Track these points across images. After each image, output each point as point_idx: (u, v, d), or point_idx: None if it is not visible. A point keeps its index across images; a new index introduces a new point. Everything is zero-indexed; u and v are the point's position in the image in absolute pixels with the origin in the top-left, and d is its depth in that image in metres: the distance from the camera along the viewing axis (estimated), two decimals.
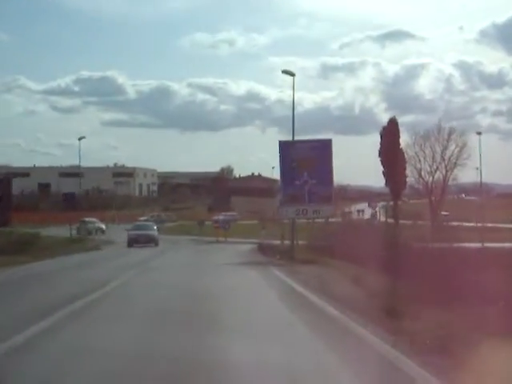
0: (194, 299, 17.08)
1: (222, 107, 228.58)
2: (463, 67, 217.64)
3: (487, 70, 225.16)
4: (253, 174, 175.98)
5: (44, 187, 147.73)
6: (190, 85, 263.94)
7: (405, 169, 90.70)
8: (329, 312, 14.22)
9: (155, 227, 60.36)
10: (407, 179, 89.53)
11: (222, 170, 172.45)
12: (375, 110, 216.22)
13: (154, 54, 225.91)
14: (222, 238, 64.00)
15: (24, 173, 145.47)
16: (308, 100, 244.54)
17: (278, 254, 36.67)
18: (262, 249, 43.87)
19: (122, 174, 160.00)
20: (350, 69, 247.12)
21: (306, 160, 36.00)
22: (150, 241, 54.60)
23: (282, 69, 41.32)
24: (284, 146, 36.66)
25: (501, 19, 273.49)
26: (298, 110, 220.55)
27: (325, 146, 36.71)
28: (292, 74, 39.51)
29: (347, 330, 11.87)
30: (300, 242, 40.16)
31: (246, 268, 29.25)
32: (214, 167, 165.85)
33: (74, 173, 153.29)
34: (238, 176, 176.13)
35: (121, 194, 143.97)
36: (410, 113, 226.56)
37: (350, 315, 13.23)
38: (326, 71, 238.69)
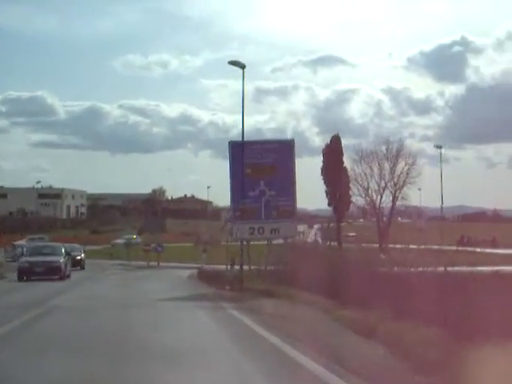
0: None
1: (155, 129, 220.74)
2: (392, 93, 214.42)
3: (415, 95, 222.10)
4: (185, 195, 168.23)
5: None
6: (121, 106, 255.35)
7: (349, 188, 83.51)
8: None
9: (63, 250, 39.45)
10: (353, 199, 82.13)
11: (154, 191, 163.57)
12: (307, 134, 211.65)
13: (85, 75, 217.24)
14: (153, 263, 55.19)
15: None
16: (240, 123, 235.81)
17: (226, 283, 28.42)
18: (205, 276, 35.47)
19: (49, 195, 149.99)
20: (283, 93, 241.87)
21: (262, 165, 28.06)
22: (53, 272, 35.97)
23: (229, 61, 32.61)
24: (235, 148, 28.53)
25: (428, 47, 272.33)
26: (233, 133, 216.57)
27: (286, 149, 28.81)
28: (242, 66, 31.14)
29: None
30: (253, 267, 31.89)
31: (192, 306, 21.03)
32: (146, 189, 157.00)
33: None
34: (170, 198, 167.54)
35: (46, 216, 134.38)
36: (342, 137, 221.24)
37: None
38: (259, 95, 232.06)
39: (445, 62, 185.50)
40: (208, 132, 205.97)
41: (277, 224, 27.89)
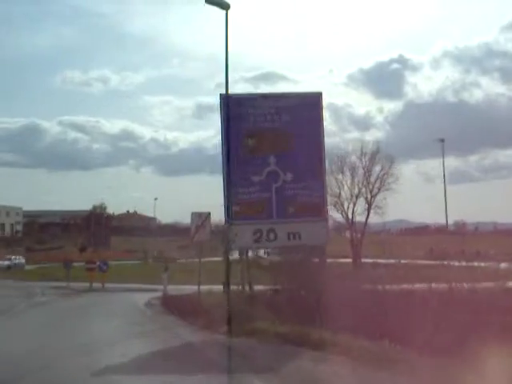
0: None
1: (95, 146, 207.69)
2: (333, 109, 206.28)
3: (356, 112, 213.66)
4: (128, 211, 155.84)
5: None
6: (60, 123, 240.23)
7: None
8: None
9: None
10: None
11: (95, 207, 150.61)
12: None
13: (22, 91, 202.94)
14: (97, 284, 43.49)
15: None
16: (183, 140, 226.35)
17: (215, 318, 17.66)
18: (173, 304, 24.42)
19: None
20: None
21: (272, 133, 17.29)
22: None
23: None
24: (231, 106, 17.62)
25: (367, 64, 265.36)
26: (173, 150, 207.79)
27: (309, 107, 17.88)
28: (225, 7, 19.68)
29: None
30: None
31: None
32: (86, 206, 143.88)
33: None
34: (112, 214, 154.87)
35: None
36: None
37: None
38: (201, 111, 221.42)
39: (383, 79, 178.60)
40: (149, 148, 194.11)
41: (297, 225, 17.07)
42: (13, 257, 72.71)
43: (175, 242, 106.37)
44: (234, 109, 17.10)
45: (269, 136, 17.02)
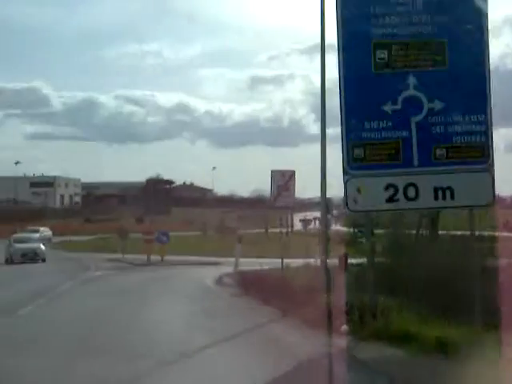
0: None
1: (150, 119, 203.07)
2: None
3: None
4: (184, 183, 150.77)
5: None
6: (117, 97, 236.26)
7: None
8: None
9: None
10: None
11: (151, 179, 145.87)
12: (304, 122, 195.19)
13: (80, 66, 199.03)
14: (156, 257, 38.14)
15: None
16: (237, 112, 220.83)
17: (322, 308, 12.02)
18: (252, 284, 18.87)
19: (41, 184, 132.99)
20: (279, 81, 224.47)
21: (415, 41, 11.39)
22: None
23: None
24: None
25: None
26: (228, 122, 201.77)
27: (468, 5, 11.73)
28: None
29: None
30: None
31: None
32: (142, 178, 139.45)
33: None
34: (168, 186, 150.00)
35: (39, 205, 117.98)
36: (339, 124, 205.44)
37: None
38: (255, 83, 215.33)
39: None
40: (204, 121, 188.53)
41: (448, 177, 11.30)
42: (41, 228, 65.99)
43: (232, 212, 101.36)
44: (358, 4, 11.36)
45: (410, 45, 11.20)
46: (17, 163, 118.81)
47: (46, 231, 66.05)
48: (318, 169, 16.11)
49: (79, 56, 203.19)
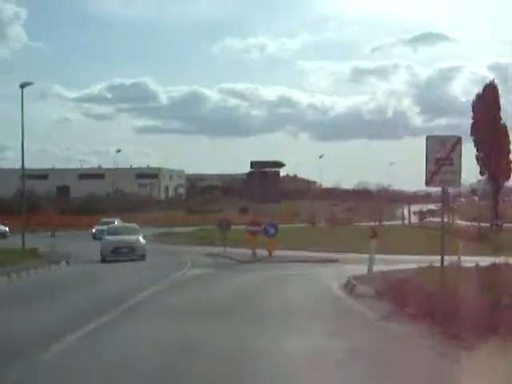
0: None
1: (254, 112, 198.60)
2: (498, 69, 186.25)
3: None
4: (287, 175, 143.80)
5: (62, 189, 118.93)
6: (221, 90, 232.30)
7: (509, 152, 58.63)
8: None
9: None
10: None
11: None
12: (408, 114, 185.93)
13: (185, 60, 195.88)
14: (262, 252, 31.60)
15: (41, 174, 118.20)
16: (340, 104, 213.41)
17: None
18: (399, 294, 12.08)
19: (146, 175, 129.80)
20: (382, 72, 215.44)
21: None
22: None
23: None
24: None
25: None
26: (330, 114, 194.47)
27: None
28: None
29: None
30: None
31: None
32: (245, 170, 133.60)
33: (94, 174, 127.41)
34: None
35: (144, 196, 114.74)
36: (444, 116, 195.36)
37: None
38: (358, 75, 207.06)
39: None
40: (307, 114, 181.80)
41: None
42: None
43: (338, 205, 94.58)
44: None
45: None
46: (118, 151, 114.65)
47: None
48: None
49: (183, 50, 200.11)
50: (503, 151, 57.38)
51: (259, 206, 72.93)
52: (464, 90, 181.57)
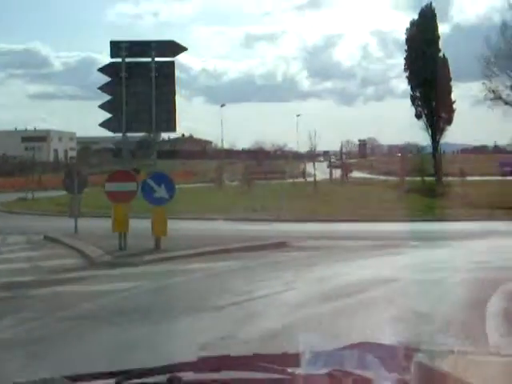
0: None
1: None
2: (379, 35, 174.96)
3: (402, 36, 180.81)
4: (183, 135, 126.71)
5: None
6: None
7: (451, 89, 43.51)
8: None
9: None
10: None
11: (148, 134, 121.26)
12: (297, 78, 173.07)
13: (78, 26, 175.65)
14: (146, 235, 14.38)
15: None
16: (233, 69, 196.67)
17: None
18: None
19: (33, 138, 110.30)
20: (272, 38, 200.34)
21: None
22: None
23: None
24: None
25: None
26: (224, 79, 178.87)
27: None
28: None
29: None
30: None
31: None
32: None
33: None
34: (167, 138, 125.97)
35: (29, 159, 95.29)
36: (330, 79, 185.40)
37: None
38: (249, 40, 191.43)
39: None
40: (200, 78, 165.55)
41: None
42: None
43: (236, 164, 78.89)
44: None
45: None
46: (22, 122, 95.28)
47: None
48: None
49: (75, 17, 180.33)
50: (444, 87, 42.21)
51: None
52: (347, 54, 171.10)
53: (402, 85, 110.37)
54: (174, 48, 15.22)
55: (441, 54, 42.33)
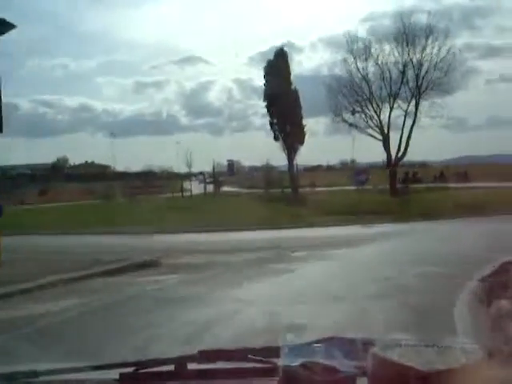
0: None
1: (59, 117, 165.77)
2: (239, 82, 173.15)
3: (256, 84, 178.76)
4: (86, 161, 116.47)
5: None
6: (32, 101, 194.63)
7: (302, 117, 39.18)
8: None
9: None
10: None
11: (58, 159, 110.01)
12: (178, 116, 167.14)
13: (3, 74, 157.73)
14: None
15: None
16: (127, 109, 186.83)
17: None
18: None
19: None
20: (158, 85, 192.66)
21: None
22: None
23: None
24: None
25: (264, 48, 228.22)
26: (120, 117, 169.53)
27: None
28: None
29: None
30: None
31: None
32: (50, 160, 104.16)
33: None
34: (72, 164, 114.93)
35: None
36: (204, 116, 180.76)
37: None
38: (139, 87, 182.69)
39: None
40: (102, 117, 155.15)
41: None
42: None
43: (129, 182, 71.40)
44: None
45: None
46: None
47: None
48: None
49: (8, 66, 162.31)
50: (296, 115, 37.82)
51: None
52: (216, 97, 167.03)
53: (259, 120, 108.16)
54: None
55: (293, 87, 38.09)
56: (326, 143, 74.79)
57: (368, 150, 50.28)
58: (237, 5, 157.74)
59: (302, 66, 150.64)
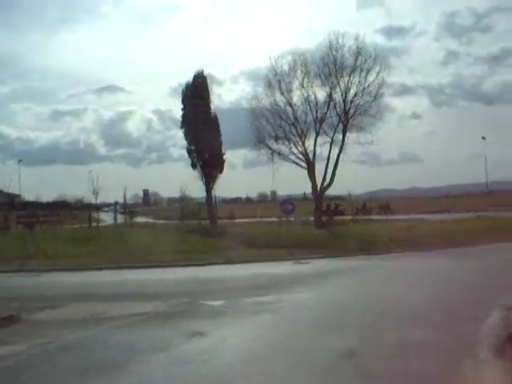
0: None
1: None
2: (159, 113, 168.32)
3: (176, 115, 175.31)
4: None
5: None
6: None
7: (221, 144, 36.26)
8: None
9: None
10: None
11: None
12: (95, 145, 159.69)
13: None
14: None
15: None
16: (42, 138, 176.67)
17: None
18: None
19: None
20: (76, 114, 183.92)
21: None
22: None
23: None
24: None
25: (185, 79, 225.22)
26: (35, 145, 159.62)
27: None
28: None
29: None
30: None
31: None
32: None
33: None
34: None
35: None
36: (122, 147, 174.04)
37: None
38: (57, 115, 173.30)
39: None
40: (15, 145, 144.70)
41: None
42: None
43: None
44: None
45: None
46: None
47: None
48: None
49: None
50: (215, 141, 34.87)
51: None
52: (135, 127, 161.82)
53: (177, 151, 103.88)
54: None
55: (212, 112, 35.18)
56: (244, 175, 72.66)
57: (288, 183, 48.47)
58: (159, 36, 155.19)
59: (221, 98, 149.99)
